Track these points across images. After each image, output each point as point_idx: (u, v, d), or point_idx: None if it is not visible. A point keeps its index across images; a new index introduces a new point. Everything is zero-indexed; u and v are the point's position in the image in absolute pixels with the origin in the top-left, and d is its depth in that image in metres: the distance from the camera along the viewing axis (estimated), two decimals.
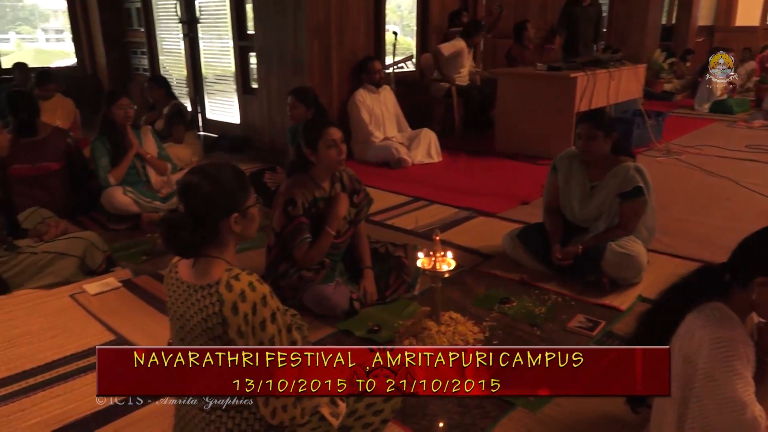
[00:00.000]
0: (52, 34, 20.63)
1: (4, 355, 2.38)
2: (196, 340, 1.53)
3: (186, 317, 1.54)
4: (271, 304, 1.50)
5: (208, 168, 1.57)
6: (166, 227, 1.53)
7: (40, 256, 2.93)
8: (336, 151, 2.56)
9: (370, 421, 1.67)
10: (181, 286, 1.56)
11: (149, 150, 4.03)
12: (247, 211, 1.58)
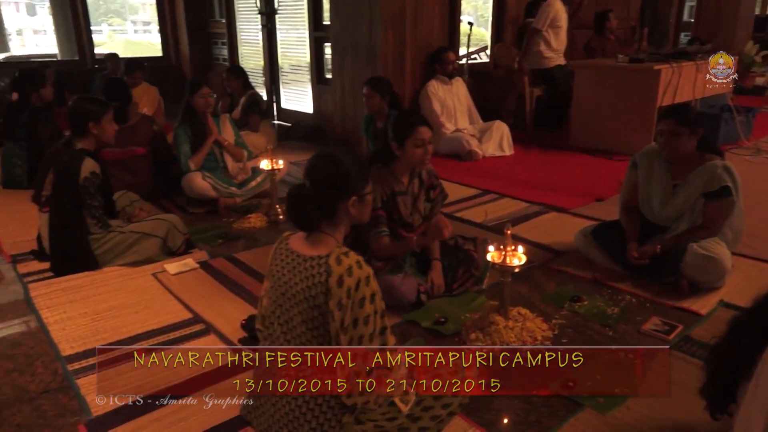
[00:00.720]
0: (140, 25, 21.74)
1: (93, 327, 2.55)
2: (295, 306, 1.64)
3: (290, 284, 1.65)
4: (373, 285, 1.58)
5: (334, 153, 1.70)
6: (291, 200, 1.66)
7: (128, 236, 3.12)
8: (422, 151, 2.56)
9: (437, 414, 1.68)
10: (291, 255, 1.69)
11: (227, 137, 4.19)
12: (364, 197, 1.70)
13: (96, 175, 2.99)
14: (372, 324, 1.57)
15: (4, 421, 1.96)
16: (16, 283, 2.98)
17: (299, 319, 1.65)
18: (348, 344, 1.57)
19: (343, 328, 1.57)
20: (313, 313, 1.61)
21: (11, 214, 3.93)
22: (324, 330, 1.62)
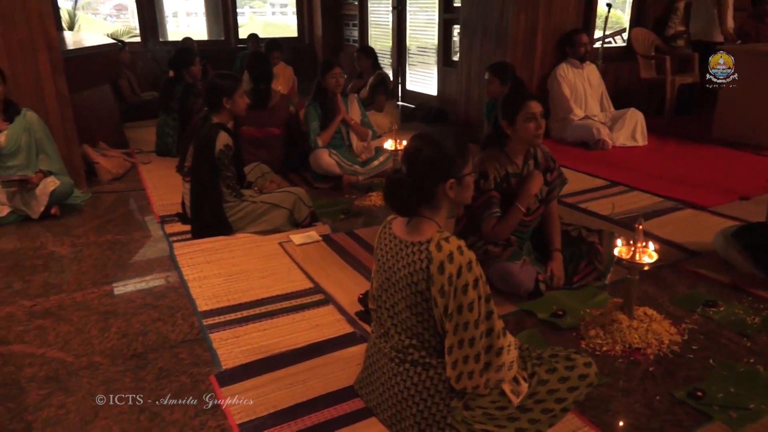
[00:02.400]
0: (278, 8, 22.84)
1: (226, 287, 2.77)
2: (399, 292, 1.66)
3: (393, 270, 1.67)
4: (476, 271, 1.55)
5: (432, 134, 1.66)
6: (388, 185, 1.66)
7: (259, 205, 3.33)
8: (535, 125, 2.48)
9: (550, 407, 1.64)
10: (393, 240, 1.69)
11: (354, 117, 4.30)
12: (463, 179, 1.66)
13: (229, 147, 3.21)
14: (476, 310, 1.54)
15: (149, 363, 2.20)
16: (164, 241, 3.30)
17: (403, 305, 1.65)
18: (453, 330, 1.56)
19: (447, 314, 1.56)
20: (417, 299, 1.61)
21: (162, 179, 4.34)
22: (429, 315, 1.61)
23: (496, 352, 1.58)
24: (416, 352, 1.67)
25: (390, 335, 1.74)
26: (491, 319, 1.58)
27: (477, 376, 1.57)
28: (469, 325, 1.54)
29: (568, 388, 1.65)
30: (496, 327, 1.58)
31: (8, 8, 3.60)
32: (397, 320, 1.71)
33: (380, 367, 1.75)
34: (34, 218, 3.49)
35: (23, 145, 3.51)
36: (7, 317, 2.50)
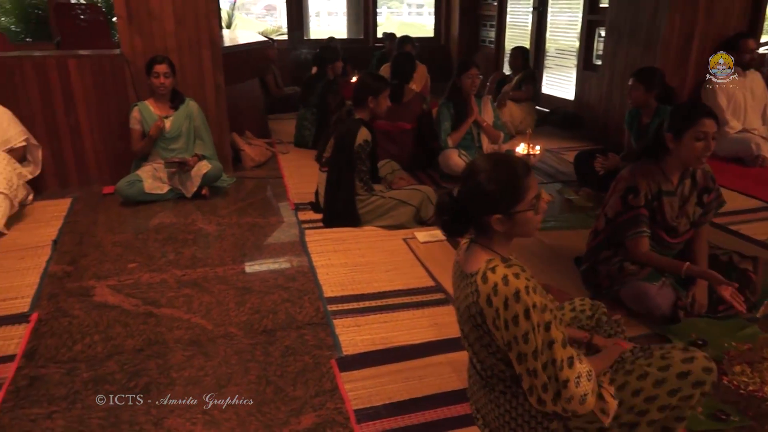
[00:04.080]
0: (414, 8, 23.19)
1: (351, 276, 2.88)
2: (465, 323, 1.58)
3: (458, 300, 1.60)
4: (525, 300, 1.41)
5: (492, 161, 1.53)
6: (437, 204, 1.59)
7: (387, 201, 3.41)
8: (703, 146, 2.28)
9: (655, 418, 1.51)
10: (458, 269, 1.63)
11: (486, 119, 4.26)
12: (516, 215, 1.50)
13: (368, 143, 3.33)
14: (533, 341, 1.41)
15: (277, 341, 2.35)
16: (296, 227, 3.50)
17: (473, 337, 1.57)
18: (516, 360, 1.45)
19: (506, 345, 1.46)
20: (479, 332, 1.52)
21: (298, 169, 4.60)
22: (496, 348, 1.51)
23: (563, 384, 1.44)
24: (500, 383, 1.59)
25: (473, 363, 1.67)
26: (552, 349, 1.43)
27: (551, 404, 1.46)
28: (528, 356, 1.43)
29: (669, 392, 1.48)
30: (558, 357, 1.43)
31: (182, 9, 4.01)
32: (472, 351, 1.63)
33: (477, 390, 1.71)
34: (187, 197, 3.86)
35: (184, 131, 3.89)
36: (161, 283, 2.79)
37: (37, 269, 2.88)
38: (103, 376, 2.11)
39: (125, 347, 2.29)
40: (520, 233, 1.55)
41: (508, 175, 1.49)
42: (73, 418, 1.90)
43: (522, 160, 1.57)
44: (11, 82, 3.81)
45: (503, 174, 1.49)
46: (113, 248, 3.17)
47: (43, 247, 3.12)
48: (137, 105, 3.86)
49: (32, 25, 7.92)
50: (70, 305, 2.59)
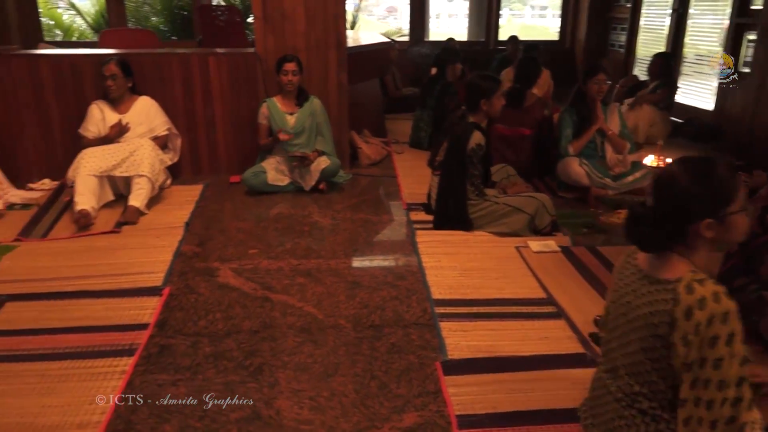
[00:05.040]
0: (537, 10, 22.57)
1: (459, 280, 2.86)
2: (635, 332, 1.49)
3: (632, 306, 1.50)
4: (732, 325, 1.31)
5: (693, 162, 1.44)
6: (629, 217, 1.49)
7: (501, 207, 3.35)
8: None
9: None
10: (637, 274, 1.53)
11: (612, 127, 4.05)
12: (726, 218, 1.39)
13: (481, 147, 3.28)
14: (725, 370, 1.30)
15: (384, 337, 2.38)
16: (407, 226, 3.54)
17: (638, 346, 1.47)
18: (690, 384, 1.34)
19: (686, 365, 1.35)
20: (655, 343, 1.42)
21: (412, 169, 4.64)
22: (666, 363, 1.41)
23: (739, 428, 1.32)
24: (646, 402, 1.48)
25: (619, 375, 1.57)
26: (741, 387, 1.31)
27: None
28: (711, 384, 1.32)
29: None
30: (745, 397, 1.32)
31: (313, 11, 4.20)
32: (628, 361, 1.53)
33: (604, 404, 1.61)
34: (305, 190, 4.03)
35: (307, 127, 4.07)
36: (277, 270, 2.93)
37: (170, 248, 3.14)
38: (222, 352, 2.26)
39: (243, 327, 2.43)
40: (729, 238, 1.46)
41: (717, 175, 1.40)
42: (194, 388, 2.05)
43: (724, 158, 1.50)
44: (160, 76, 4.18)
45: (711, 174, 1.40)
46: (237, 234, 3.38)
47: (177, 228, 3.40)
48: (266, 101, 4.08)
49: (178, 24, 8.64)
50: (197, 283, 2.79)
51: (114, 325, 2.42)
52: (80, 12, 9.02)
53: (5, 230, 3.35)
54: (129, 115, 3.87)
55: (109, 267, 2.92)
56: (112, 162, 3.61)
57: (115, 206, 3.67)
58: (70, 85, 4.09)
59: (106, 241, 3.24)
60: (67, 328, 2.39)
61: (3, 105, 4.05)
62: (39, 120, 4.12)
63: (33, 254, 3.07)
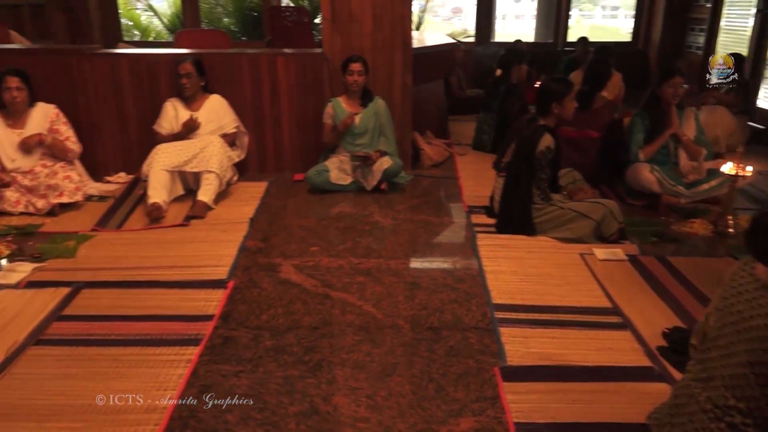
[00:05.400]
0: (608, 10, 21.84)
1: (520, 286, 2.80)
2: (743, 343, 1.44)
3: (744, 316, 1.45)
4: None
5: None
6: (752, 228, 1.44)
7: (566, 212, 3.27)
8: None
9: None
10: (753, 284, 1.48)
11: (687, 133, 3.87)
12: None
13: (550, 150, 3.21)
14: None
15: (442, 339, 2.37)
16: (468, 229, 3.50)
17: (744, 358, 1.41)
18: None
19: None
20: (765, 357, 1.36)
21: (474, 172, 4.59)
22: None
23: None
24: (739, 417, 1.42)
25: (713, 385, 1.51)
26: None
27: None
28: None
29: None
30: None
31: (380, 12, 4.23)
32: (728, 372, 1.47)
33: (688, 414, 1.55)
34: (367, 190, 4.05)
35: (370, 128, 4.10)
36: (338, 269, 2.96)
37: (235, 242, 3.23)
38: (283, 346, 2.30)
39: (303, 323, 2.47)
40: None
41: None
42: (255, 380, 2.10)
43: None
44: (230, 75, 4.31)
45: None
46: (299, 231, 3.45)
47: (242, 224, 3.49)
48: (331, 101, 4.14)
49: (248, 25, 8.89)
50: (260, 278, 2.86)
51: (181, 315, 2.51)
52: (157, 13, 9.44)
53: (84, 220, 3.54)
54: (200, 113, 4.02)
55: (178, 259, 3.03)
56: (184, 158, 3.75)
57: (185, 200, 3.81)
58: (146, 83, 4.29)
59: (175, 233, 3.37)
60: (138, 315, 2.51)
61: (85, 102, 4.29)
62: (117, 116, 4.34)
63: (108, 244, 3.23)
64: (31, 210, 3.57)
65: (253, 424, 1.88)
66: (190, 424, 1.88)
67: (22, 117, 3.75)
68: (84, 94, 4.27)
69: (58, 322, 2.45)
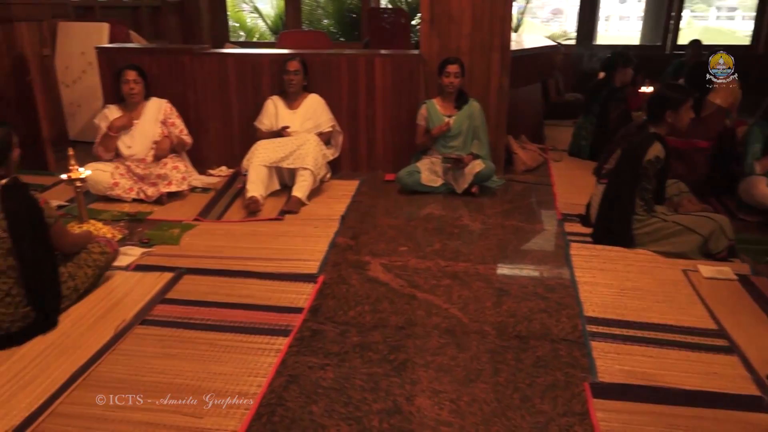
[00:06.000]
0: (724, 11, 20.38)
1: (616, 299, 2.67)
2: None
3: None
4: None
5: None
6: None
7: (669, 225, 3.08)
8: None
9: None
10: None
11: None
12: None
13: (659, 160, 3.04)
14: None
15: (530, 349, 2.30)
16: (561, 238, 3.39)
17: None
18: None
19: None
20: None
21: (570, 179, 4.43)
22: None
23: None
24: None
25: None
26: None
27: None
28: None
29: None
30: None
31: (480, 13, 4.19)
32: None
33: None
34: (457, 192, 4.02)
35: (464, 130, 4.06)
36: (425, 270, 2.96)
37: (326, 238, 3.31)
38: (369, 344, 2.33)
39: (389, 322, 2.49)
40: None
41: None
42: (341, 375, 2.14)
43: None
44: (329, 76, 4.43)
45: None
46: (388, 230, 3.48)
47: (333, 220, 3.57)
48: (426, 103, 4.15)
49: (346, 26, 9.09)
50: (349, 274, 2.91)
51: (273, 306, 2.60)
52: (262, 15, 9.87)
53: (187, 210, 3.76)
54: (299, 111, 4.16)
55: (271, 251, 3.15)
56: (281, 154, 3.89)
57: (280, 195, 3.96)
58: (250, 81, 4.49)
59: (270, 227, 3.51)
60: (233, 303, 2.63)
61: (194, 98, 4.55)
62: (221, 113, 4.57)
63: (209, 233, 3.41)
64: (141, 197, 3.84)
65: (337, 418, 1.92)
66: (278, 411, 1.95)
67: (138, 109, 4.03)
68: (193, 91, 4.54)
69: (162, 304, 2.61)
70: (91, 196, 3.82)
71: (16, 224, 2.27)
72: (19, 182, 2.36)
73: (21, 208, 2.30)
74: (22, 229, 2.28)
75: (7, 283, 2.28)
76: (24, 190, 2.34)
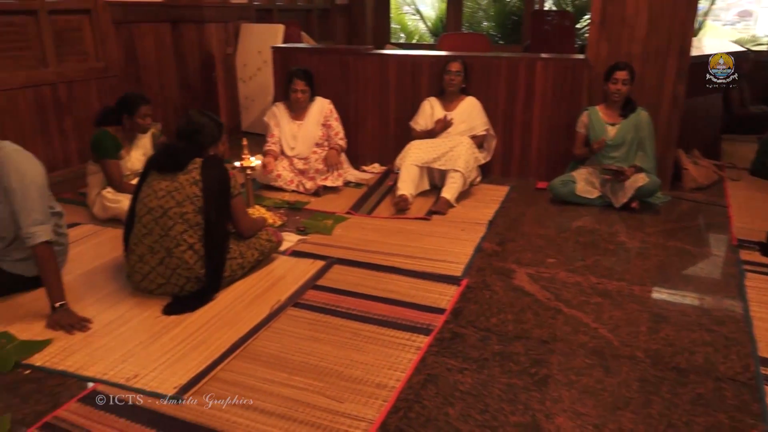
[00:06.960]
0: None
1: None
2: None
3: None
4: None
5: None
6: None
7: None
8: None
9: None
10: None
11: None
12: None
13: None
14: None
15: (689, 384, 2.09)
16: (735, 266, 3.04)
17: None
18: None
19: None
20: None
21: (749, 201, 3.97)
22: None
23: None
24: None
25: None
26: None
27: None
28: None
29: None
30: None
31: (658, 16, 3.89)
32: None
33: None
34: (615, 206, 3.78)
35: (628, 141, 3.80)
36: (575, 285, 2.82)
37: (472, 242, 3.29)
38: (510, 354, 2.27)
39: (532, 334, 2.41)
40: None
41: None
42: (478, 381, 2.11)
43: None
44: (487, 79, 4.38)
45: None
46: (536, 240, 3.36)
47: (480, 225, 3.54)
48: (587, 110, 3.94)
49: (507, 29, 8.95)
50: (493, 281, 2.87)
51: (415, 304, 2.64)
52: (423, 17, 10.04)
53: (341, 203, 3.94)
54: (455, 113, 4.17)
55: (417, 250, 3.19)
56: (433, 155, 3.93)
57: (429, 195, 4.00)
58: (408, 82, 4.59)
59: (417, 225, 3.56)
60: (378, 297, 2.70)
61: (355, 96, 4.76)
62: (379, 112, 4.73)
63: (359, 227, 3.55)
64: (300, 189, 4.10)
65: (473, 424, 1.90)
66: (415, 408, 1.97)
67: (303, 111, 4.30)
68: (355, 90, 4.75)
69: (313, 290, 2.77)
70: (257, 183, 4.16)
71: (208, 187, 2.61)
72: (218, 156, 2.79)
73: (215, 173, 2.65)
74: (212, 192, 2.62)
75: (194, 237, 2.58)
76: (219, 162, 2.72)
